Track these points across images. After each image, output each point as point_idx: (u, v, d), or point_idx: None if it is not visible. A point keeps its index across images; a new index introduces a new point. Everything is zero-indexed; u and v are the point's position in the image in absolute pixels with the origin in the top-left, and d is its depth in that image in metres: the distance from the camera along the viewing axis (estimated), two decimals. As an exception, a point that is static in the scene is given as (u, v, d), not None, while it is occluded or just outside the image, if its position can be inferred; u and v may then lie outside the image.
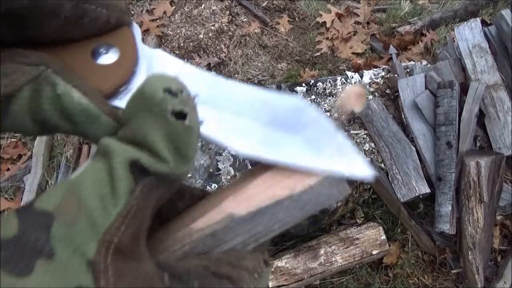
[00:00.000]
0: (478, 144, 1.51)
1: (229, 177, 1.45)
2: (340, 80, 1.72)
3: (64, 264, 0.18)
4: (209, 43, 2.31)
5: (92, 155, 0.22)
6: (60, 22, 0.24)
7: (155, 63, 0.29)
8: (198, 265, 0.23)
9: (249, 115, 0.28)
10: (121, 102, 0.27)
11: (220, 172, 1.45)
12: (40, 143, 1.89)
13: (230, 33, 2.36)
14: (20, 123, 0.24)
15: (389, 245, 1.56)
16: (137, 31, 0.29)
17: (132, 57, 0.27)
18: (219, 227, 0.26)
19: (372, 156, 1.53)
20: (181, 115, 0.22)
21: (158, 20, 2.38)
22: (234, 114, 0.28)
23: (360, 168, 0.27)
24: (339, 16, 2.36)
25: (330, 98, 1.67)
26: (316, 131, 0.27)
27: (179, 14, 2.42)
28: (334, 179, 0.27)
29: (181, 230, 0.26)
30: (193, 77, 0.28)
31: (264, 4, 2.48)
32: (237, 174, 1.44)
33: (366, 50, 2.28)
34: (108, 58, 0.27)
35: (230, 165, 1.47)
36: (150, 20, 2.36)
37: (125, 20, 0.28)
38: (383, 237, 1.53)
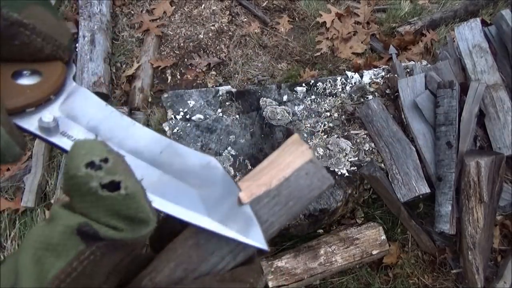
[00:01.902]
0: (478, 144, 1.51)
1: (229, 177, 1.44)
2: (340, 80, 1.72)
3: None
4: (209, 43, 2.31)
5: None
6: None
7: (75, 98, 0.28)
8: None
9: (154, 161, 0.27)
10: (22, 122, 0.26)
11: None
12: (40, 143, 1.89)
13: (230, 33, 2.36)
14: None
15: (389, 245, 1.56)
16: (71, 69, 0.29)
17: (51, 85, 0.27)
18: (200, 236, 0.25)
19: (372, 156, 1.53)
20: (113, 186, 0.21)
21: (158, 20, 2.38)
22: (138, 156, 0.27)
23: (252, 235, 0.25)
24: (339, 16, 2.36)
25: (330, 98, 1.67)
26: (218, 192, 0.26)
27: (179, 14, 2.42)
28: (310, 168, 0.27)
29: (165, 248, 0.26)
30: (111, 121, 0.28)
31: (264, 4, 2.48)
32: (237, 174, 1.44)
33: (366, 50, 2.28)
34: (29, 80, 0.26)
35: (230, 165, 1.47)
36: (150, 20, 2.36)
37: (61, 56, 0.27)
38: (383, 237, 1.53)
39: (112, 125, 0.27)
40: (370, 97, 1.66)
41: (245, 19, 2.42)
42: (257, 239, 0.26)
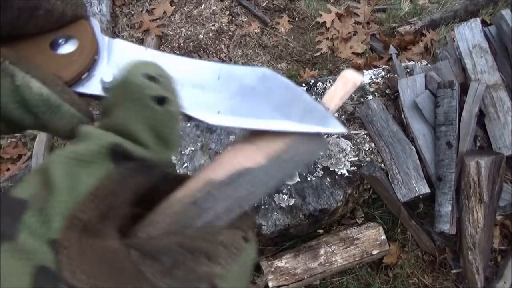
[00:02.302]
0: (478, 144, 1.51)
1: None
2: (340, 80, 1.72)
3: (26, 246, 0.18)
4: (209, 43, 2.31)
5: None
6: (14, 14, 0.24)
7: (116, 50, 0.29)
8: (171, 243, 0.23)
9: (216, 88, 0.28)
10: (84, 88, 0.27)
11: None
12: (40, 143, 1.89)
13: (230, 33, 2.36)
14: None
15: (389, 245, 1.56)
16: (95, 23, 0.29)
17: (91, 46, 0.27)
18: (199, 195, 0.26)
19: (372, 156, 1.53)
20: (161, 100, 0.22)
21: (158, 20, 2.38)
22: (201, 89, 0.28)
23: (331, 124, 0.27)
24: (339, 16, 2.36)
25: (330, 98, 1.67)
26: (284, 96, 0.28)
27: (179, 14, 2.42)
28: (310, 135, 0.28)
29: (162, 203, 0.26)
30: (157, 60, 0.28)
31: (264, 4, 2.48)
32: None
33: (366, 50, 2.28)
34: (68, 48, 0.27)
35: (230, 165, 1.47)
36: (150, 20, 2.36)
37: (81, 13, 0.28)
38: (383, 237, 1.53)
39: (162, 64, 0.28)
40: (370, 97, 1.66)
41: (245, 19, 2.42)
42: (336, 126, 0.27)
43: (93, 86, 0.27)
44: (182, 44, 2.31)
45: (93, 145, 0.21)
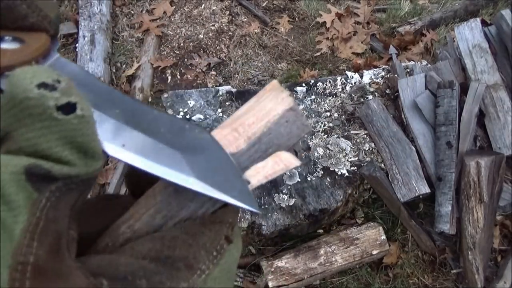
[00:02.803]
0: (478, 144, 1.51)
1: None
2: (340, 80, 1.72)
3: None
4: (209, 43, 2.31)
5: None
6: None
7: (56, 68, 0.27)
8: (151, 250, 0.21)
9: (131, 122, 0.25)
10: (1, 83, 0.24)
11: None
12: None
13: (230, 33, 2.36)
14: None
15: (389, 245, 1.56)
16: (56, 43, 0.28)
17: (35, 51, 0.25)
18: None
19: (372, 156, 1.53)
20: (68, 108, 0.19)
21: (158, 20, 2.38)
22: (116, 118, 0.25)
23: (247, 201, 0.25)
24: (339, 16, 2.36)
25: (330, 98, 1.67)
26: (205, 155, 0.25)
27: (179, 14, 2.42)
28: (291, 116, 0.27)
29: (144, 194, 0.25)
30: (91, 87, 0.26)
31: (264, 4, 2.48)
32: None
33: (366, 50, 2.28)
34: (10, 45, 0.25)
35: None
36: (150, 20, 2.36)
37: (46, 27, 0.26)
38: (383, 237, 1.53)
39: (94, 90, 0.26)
40: (370, 97, 1.66)
41: (245, 19, 2.42)
42: (252, 205, 0.25)
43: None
44: (182, 44, 2.31)
45: (5, 174, 0.18)
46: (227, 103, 1.63)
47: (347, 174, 1.46)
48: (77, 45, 2.12)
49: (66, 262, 0.19)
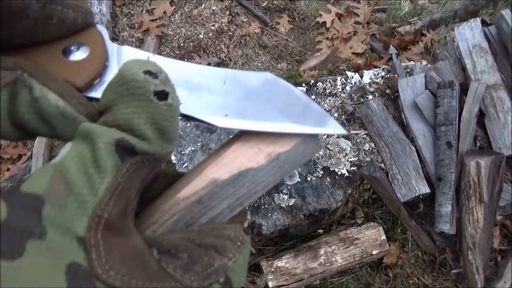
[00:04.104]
0: (478, 144, 1.51)
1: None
2: (340, 80, 1.72)
3: (55, 243, 0.18)
4: (209, 43, 2.31)
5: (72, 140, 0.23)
6: (29, 23, 0.25)
7: (124, 56, 0.30)
8: (183, 239, 0.24)
9: (223, 92, 0.29)
10: (97, 93, 0.27)
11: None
12: (40, 143, 1.89)
13: (230, 33, 2.36)
14: (1, 128, 0.25)
15: (389, 245, 1.56)
16: (104, 31, 0.30)
17: (102, 52, 0.28)
18: (204, 193, 0.27)
19: (372, 156, 1.53)
20: (162, 95, 0.23)
21: (158, 20, 2.38)
22: (208, 93, 0.29)
23: (331, 125, 0.29)
24: (339, 16, 2.36)
25: (330, 98, 1.67)
26: (286, 99, 0.29)
27: (179, 14, 2.42)
28: (308, 137, 0.29)
29: (167, 202, 0.27)
30: (164, 65, 0.29)
31: (264, 4, 2.48)
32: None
33: (366, 50, 2.28)
34: (79, 55, 0.28)
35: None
36: (150, 20, 2.36)
37: (90, 21, 0.29)
38: (383, 237, 1.53)
39: (171, 69, 0.29)
40: (370, 97, 1.66)
41: (245, 19, 2.42)
42: (335, 127, 0.29)
43: None
44: (182, 44, 2.31)
45: (100, 143, 0.21)
46: (227, 103, 1.63)
47: (347, 174, 1.46)
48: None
49: (129, 225, 0.22)
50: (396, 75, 1.66)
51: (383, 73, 1.74)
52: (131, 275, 0.19)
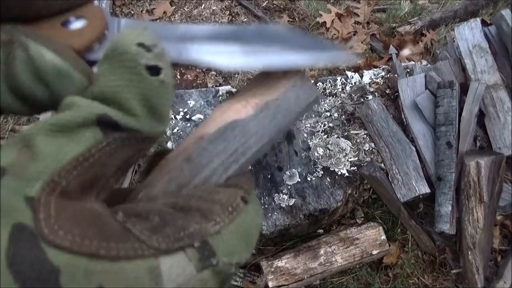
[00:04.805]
0: (478, 144, 1.51)
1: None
2: (340, 80, 1.72)
3: (4, 206, 0.17)
4: (209, 43, 2.31)
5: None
6: None
7: (124, 25, 0.30)
8: (166, 204, 0.22)
9: (227, 39, 0.29)
10: (97, 54, 0.27)
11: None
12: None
13: (230, 33, 2.36)
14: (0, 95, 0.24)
15: (389, 245, 1.56)
16: (103, 7, 0.31)
17: (101, 22, 0.28)
18: (192, 150, 0.26)
19: (372, 156, 1.53)
20: (155, 71, 0.22)
21: (158, 20, 2.38)
22: (213, 41, 0.29)
23: (339, 54, 0.29)
24: (339, 16, 2.36)
25: (330, 98, 1.67)
26: (289, 37, 0.29)
27: (179, 14, 2.42)
28: (297, 80, 0.29)
29: (157, 168, 0.26)
30: (165, 28, 0.29)
31: (264, 4, 2.48)
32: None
33: (366, 50, 2.28)
34: (78, 24, 0.28)
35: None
36: (150, 20, 2.36)
37: None
38: (383, 237, 1.53)
39: (172, 30, 0.29)
40: (370, 97, 1.66)
41: (245, 19, 2.42)
42: (345, 57, 0.29)
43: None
44: (182, 44, 2.31)
45: (80, 113, 0.20)
46: (227, 103, 1.63)
47: (347, 174, 1.46)
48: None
49: (90, 198, 0.20)
50: (396, 75, 1.67)
51: (383, 73, 1.74)
52: (83, 235, 0.18)
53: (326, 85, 1.70)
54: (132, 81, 0.21)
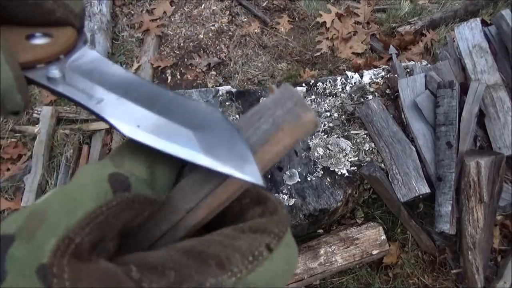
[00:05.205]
0: (478, 144, 1.51)
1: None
2: (340, 80, 1.72)
3: (15, 281, 0.17)
4: (209, 43, 2.31)
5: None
6: None
7: (85, 59, 0.29)
8: (180, 251, 0.22)
9: (146, 104, 0.27)
10: (32, 75, 0.27)
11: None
12: (40, 143, 1.89)
13: (230, 33, 2.36)
14: None
15: (389, 245, 1.56)
16: (82, 35, 0.30)
17: (62, 45, 0.28)
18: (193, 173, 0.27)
19: (372, 156, 1.53)
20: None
21: (158, 20, 2.38)
22: (133, 101, 0.27)
23: (249, 172, 0.24)
24: (339, 16, 2.36)
25: (330, 98, 1.67)
26: (215, 132, 0.26)
27: (179, 14, 2.42)
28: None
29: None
30: (108, 75, 0.29)
31: (264, 4, 2.48)
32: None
33: (366, 50, 2.28)
34: (40, 40, 0.28)
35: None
36: (150, 20, 2.36)
37: (72, 21, 0.28)
38: (383, 237, 1.53)
39: (116, 75, 0.28)
40: (370, 97, 1.66)
41: (245, 19, 2.42)
42: (254, 176, 0.24)
43: (40, 75, 0.27)
44: (182, 44, 2.31)
45: (93, 173, 0.21)
46: (227, 103, 1.63)
47: (347, 174, 1.46)
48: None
49: (97, 256, 0.20)
50: (396, 75, 1.67)
51: (383, 73, 1.74)
52: None
53: (326, 85, 1.70)
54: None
